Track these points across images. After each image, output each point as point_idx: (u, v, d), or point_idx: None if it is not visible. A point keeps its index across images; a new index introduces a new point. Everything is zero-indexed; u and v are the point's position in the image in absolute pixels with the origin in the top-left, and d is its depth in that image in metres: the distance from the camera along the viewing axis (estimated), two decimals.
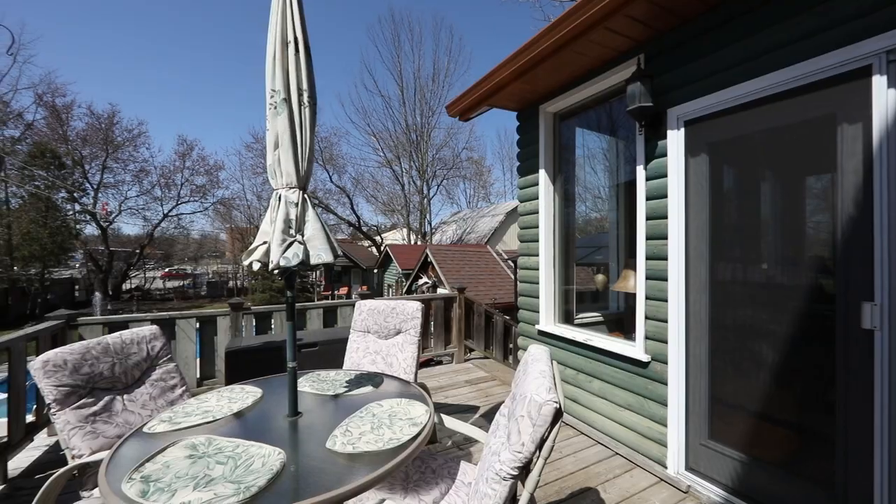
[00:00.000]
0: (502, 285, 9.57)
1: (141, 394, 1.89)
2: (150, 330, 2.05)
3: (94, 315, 15.15)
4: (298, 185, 1.60)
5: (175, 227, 25.52)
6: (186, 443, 1.31)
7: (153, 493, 1.05)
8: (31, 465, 2.49)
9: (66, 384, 1.63)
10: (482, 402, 3.43)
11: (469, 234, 23.07)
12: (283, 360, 3.10)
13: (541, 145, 3.27)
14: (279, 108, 1.57)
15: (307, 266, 1.54)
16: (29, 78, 28.26)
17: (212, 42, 67.66)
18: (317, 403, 1.72)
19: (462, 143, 25.46)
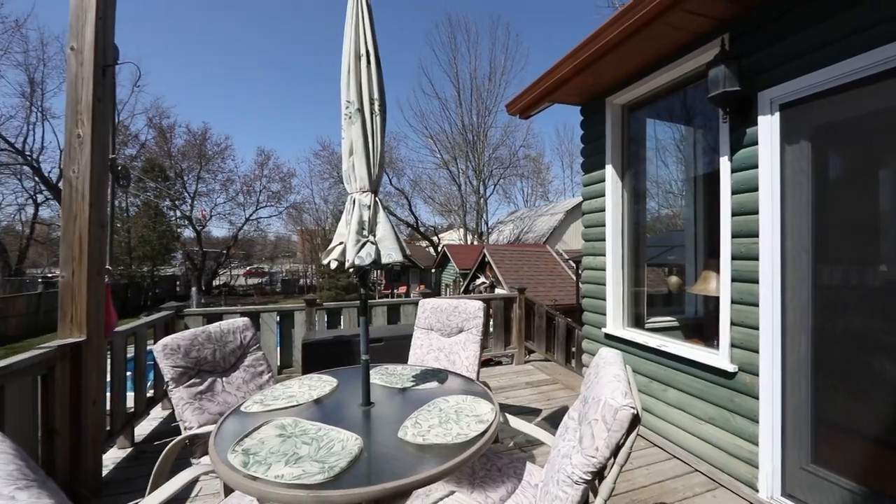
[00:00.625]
0: (563, 286, 9.23)
1: (236, 377, 2.14)
2: (243, 321, 2.31)
3: (191, 307, 17.30)
4: (370, 189, 1.69)
5: (255, 230, 28.32)
6: (277, 423, 1.45)
7: (252, 464, 1.19)
8: (150, 433, 2.93)
9: (179, 365, 1.90)
10: (544, 405, 3.35)
11: (526, 233, 22.59)
12: (350, 353, 3.31)
13: (607, 139, 3.12)
14: (353, 118, 1.68)
15: (379, 265, 1.63)
16: (142, 104, 33.10)
17: (285, 57, 73.85)
18: (386, 395, 1.81)
19: (519, 140, 25.00)
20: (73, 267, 2.13)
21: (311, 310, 3.69)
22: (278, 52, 73.29)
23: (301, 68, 76.02)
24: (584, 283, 3.42)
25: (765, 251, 2.06)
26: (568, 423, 1.43)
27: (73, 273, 2.13)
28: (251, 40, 70.48)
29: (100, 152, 2.22)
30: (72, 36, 2.16)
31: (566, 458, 1.17)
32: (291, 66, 74.71)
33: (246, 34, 69.73)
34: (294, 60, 74.65)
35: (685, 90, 2.83)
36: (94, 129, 2.17)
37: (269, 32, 70.47)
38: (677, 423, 2.58)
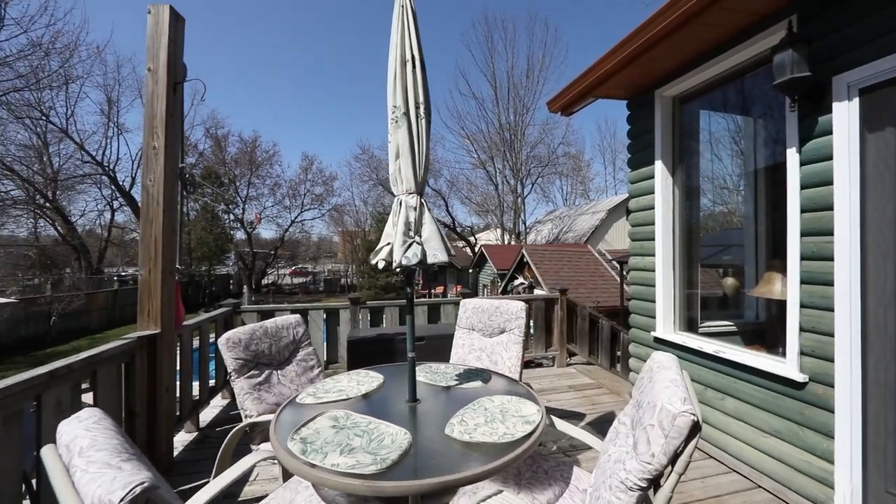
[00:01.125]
0: (605, 287, 8.89)
1: (289, 371, 2.27)
2: (295, 318, 2.44)
3: (243, 304, 18.51)
4: (416, 191, 1.74)
5: (299, 232, 29.74)
6: (330, 415, 1.53)
7: (310, 452, 1.26)
8: (212, 420, 3.17)
9: (240, 358, 2.04)
10: (588, 409, 3.26)
11: (566, 233, 21.99)
12: (392, 351, 3.40)
13: (657, 133, 2.97)
14: (399, 122, 1.74)
15: (425, 265, 1.66)
16: (200, 116, 35.86)
17: (325, 65, 76.95)
18: (431, 392, 1.85)
19: (558, 138, 24.38)
20: (150, 266, 2.35)
21: (356, 308, 3.83)
22: (322, 57, 76.45)
23: (342, 72, 78.83)
24: (632, 284, 3.28)
25: (841, 251, 1.88)
26: (619, 428, 1.39)
27: (150, 272, 2.35)
28: (295, 45, 74.00)
29: (171, 162, 2.44)
30: (149, 58, 2.39)
31: (619, 463, 1.14)
32: (334, 70, 77.68)
33: (290, 38, 73.36)
34: (336, 65, 77.57)
35: (744, 78, 2.64)
36: (167, 141, 2.39)
37: (311, 37, 73.68)
38: (736, 435, 2.41)
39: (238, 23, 66.22)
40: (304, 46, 74.87)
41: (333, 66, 77.31)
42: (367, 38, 73.35)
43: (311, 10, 69.78)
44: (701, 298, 3.07)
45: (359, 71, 77.38)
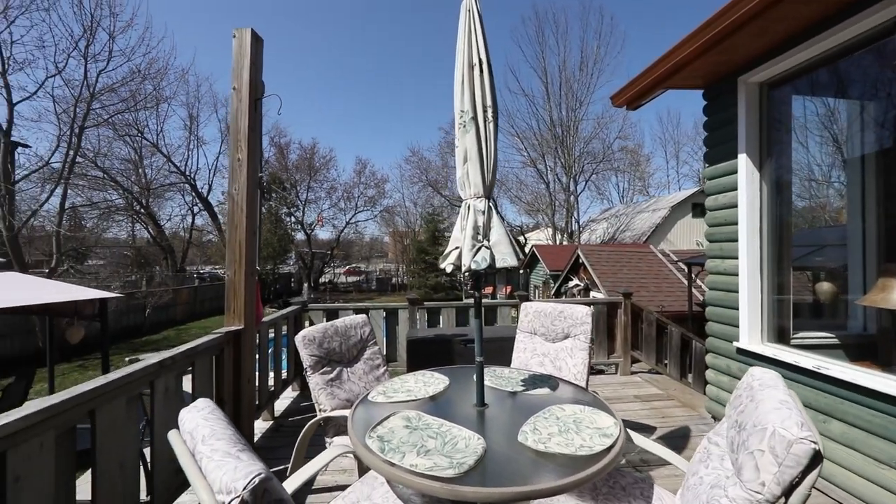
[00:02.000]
0: (670, 291, 8.26)
1: (357, 368, 2.37)
2: (361, 318, 2.55)
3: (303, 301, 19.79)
4: (484, 194, 1.73)
5: (353, 233, 31.10)
6: (402, 415, 1.57)
7: (388, 451, 1.30)
8: (284, 410, 3.40)
9: (315, 354, 2.17)
10: (658, 422, 3.05)
11: (623, 232, 20.83)
12: (450, 351, 3.43)
13: (741, 124, 2.71)
14: (467, 126, 1.74)
15: (494, 269, 1.65)
16: (264, 126, 38.94)
17: (383, 67, 79.64)
18: (497, 397, 1.83)
19: (614, 132, 23.16)
20: (235, 268, 2.58)
21: (414, 308, 3.92)
22: (378, 62, 79.27)
23: (394, 77, 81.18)
24: (711, 289, 3.01)
25: None
26: (711, 449, 1.28)
27: (235, 273, 2.58)
28: (351, 49, 77.35)
29: (252, 172, 2.65)
30: (234, 78, 2.62)
31: (717, 488, 1.05)
32: (385, 75, 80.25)
33: (345, 43, 76.84)
34: (388, 69, 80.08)
35: (849, 58, 2.32)
36: (249, 153, 2.60)
37: (365, 42, 76.61)
38: (844, 464, 2.12)
39: (298, 34, 70.69)
40: (359, 52, 78.04)
41: (386, 70, 79.79)
42: (417, 42, 74.79)
43: (369, 18, 72.54)
44: (793, 305, 2.75)
45: (411, 74, 79.15)
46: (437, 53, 72.03)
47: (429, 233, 25.13)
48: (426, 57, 73.98)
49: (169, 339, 12.73)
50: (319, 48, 74.55)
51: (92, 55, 10.75)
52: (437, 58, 72.98)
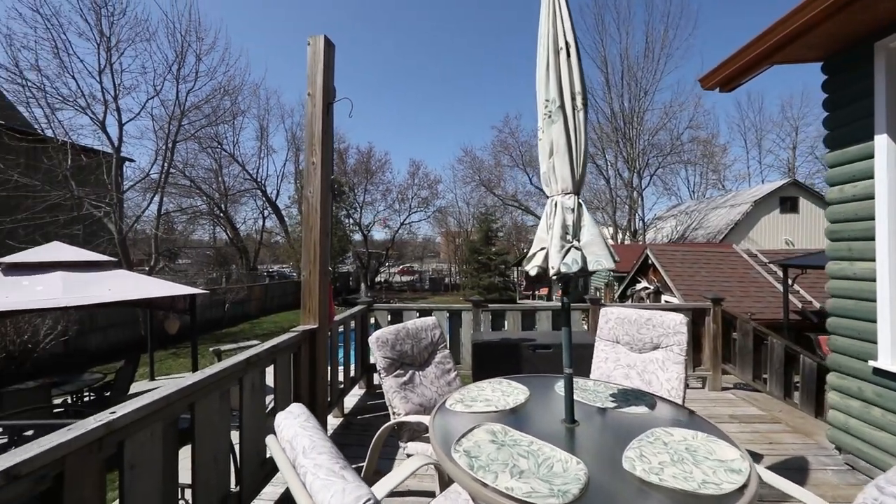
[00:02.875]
0: (760, 296, 7.29)
1: (429, 372, 2.31)
2: (432, 321, 2.49)
3: (360, 299, 20.64)
4: (573, 190, 1.58)
5: (407, 233, 31.84)
6: (487, 428, 1.47)
7: (478, 468, 1.20)
8: (353, 407, 3.48)
9: (388, 357, 2.14)
10: (765, 450, 2.65)
11: (695, 230, 19.06)
12: (517, 356, 3.27)
13: (879, 99, 2.25)
14: (554, 117, 1.60)
15: (586, 272, 1.49)
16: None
17: (437, 69, 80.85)
18: (586, 413, 1.66)
19: (684, 121, 21.26)
20: (310, 268, 2.65)
21: (478, 311, 3.82)
22: (429, 64, 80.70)
23: (447, 78, 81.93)
24: (835, 296, 2.55)
25: None
26: (885, 501, 1.02)
27: (310, 273, 2.65)
28: (404, 50, 79.38)
29: (326, 175, 2.71)
30: (308, 84, 2.70)
31: None
32: (439, 77, 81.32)
33: (401, 46, 79.02)
34: (442, 72, 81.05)
35: None
36: (323, 156, 2.66)
37: (418, 45, 78.20)
38: None
39: (355, 39, 73.93)
40: (411, 53, 79.90)
41: (439, 71, 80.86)
42: (462, 39, 74.82)
43: (424, 20, 74.05)
44: None
45: (463, 74, 79.40)
46: (493, 51, 71.41)
47: (482, 233, 24.91)
48: (479, 55, 73.68)
49: (244, 331, 13.87)
50: (373, 51, 77.44)
51: (182, 77, 12.06)
52: (492, 55, 72.40)
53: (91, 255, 6.24)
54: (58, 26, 10.07)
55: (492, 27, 67.80)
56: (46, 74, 10.07)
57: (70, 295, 5.26)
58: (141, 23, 11.50)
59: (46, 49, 10.02)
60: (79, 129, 12.46)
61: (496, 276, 23.88)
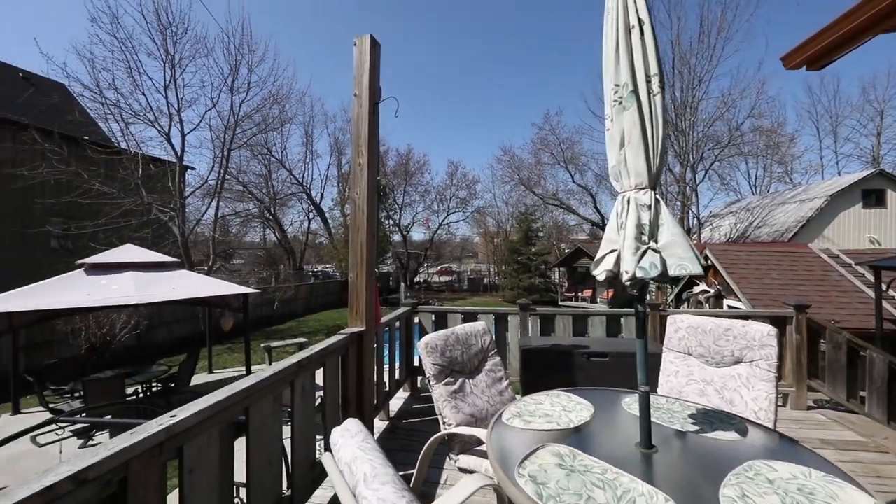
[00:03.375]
0: (843, 302, 6.42)
1: (480, 381, 2.20)
2: (482, 326, 2.38)
3: (400, 299, 21.00)
4: (649, 185, 1.40)
5: (446, 234, 31.89)
6: (552, 450, 1.33)
7: (547, 499, 1.07)
8: (398, 411, 3.44)
9: (438, 363, 2.05)
10: (873, 485, 2.27)
11: (758, 227, 17.44)
12: (569, 364, 3.07)
13: None
14: (626, 103, 1.43)
15: (666, 277, 1.31)
16: None
17: (471, 71, 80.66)
18: (663, 437, 1.47)
19: (745, 110, 19.49)
20: (357, 270, 2.63)
21: (525, 314, 3.64)
22: (465, 65, 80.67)
23: (484, 79, 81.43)
24: None
25: None
26: None
27: (357, 275, 2.63)
28: (437, 49, 79.79)
29: (372, 176, 2.68)
30: (355, 85, 2.68)
31: None
32: (475, 79, 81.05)
33: (437, 48, 79.60)
34: (478, 73, 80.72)
35: None
36: (369, 158, 2.63)
37: (454, 46, 78.37)
38: None
39: (393, 41, 75.34)
40: (450, 55, 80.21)
41: (476, 71, 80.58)
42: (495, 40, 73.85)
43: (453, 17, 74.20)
44: None
45: (502, 74, 78.60)
46: (531, 48, 70.08)
47: (521, 233, 24.38)
48: (521, 55, 72.51)
49: (292, 329, 14.50)
50: (411, 52, 78.56)
51: (236, 88, 12.80)
52: (531, 54, 71.04)
53: (158, 256, 6.74)
54: (131, 48, 11.04)
55: (529, 25, 66.42)
56: (122, 92, 11.07)
57: (140, 293, 5.70)
58: (200, 40, 12.36)
59: (122, 69, 11.01)
60: (148, 140, 13.61)
61: (536, 277, 23.29)
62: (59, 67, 11.45)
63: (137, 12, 11.65)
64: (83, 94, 10.99)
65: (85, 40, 15.26)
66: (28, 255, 12.05)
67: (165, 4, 11.32)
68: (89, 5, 10.66)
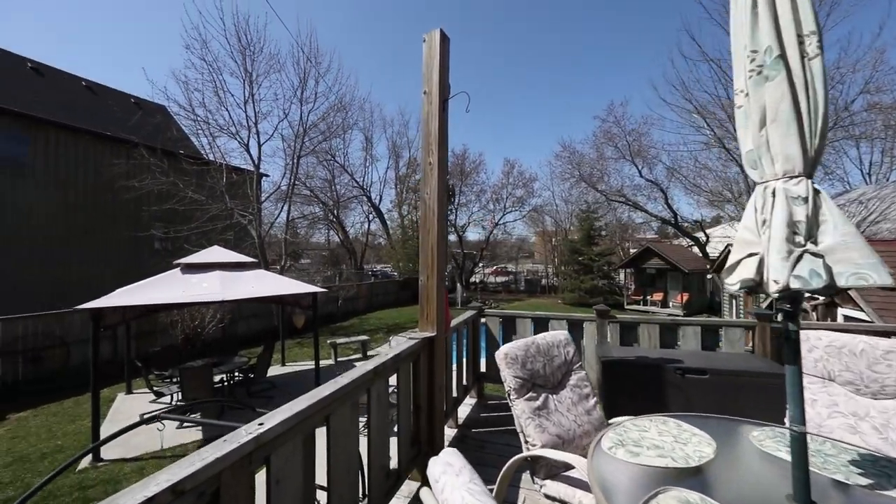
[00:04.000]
0: None
1: (565, 397, 1.99)
2: (564, 336, 2.17)
3: (457, 300, 21.01)
4: (804, 173, 1.11)
5: (502, 233, 31.39)
6: (677, 496, 1.10)
7: None
8: (466, 418, 3.32)
9: (519, 376, 1.89)
10: None
11: (877, 222, 14.77)
12: (658, 381, 2.72)
13: None
14: (768, 71, 1.15)
15: (832, 289, 1.03)
16: (421, 139, 43.46)
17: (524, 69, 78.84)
18: (819, 489, 1.16)
19: (857, 85, 16.67)
20: (428, 273, 2.54)
21: (603, 322, 3.33)
22: (526, 61, 79.05)
23: (539, 76, 79.17)
24: None
25: None
26: None
27: (428, 278, 2.54)
28: (493, 49, 78.86)
29: (442, 175, 2.58)
30: (424, 82, 2.60)
31: None
32: (531, 76, 79.07)
33: (493, 46, 78.82)
34: (534, 71, 78.66)
35: None
36: (440, 156, 2.54)
37: (512, 46, 77.06)
38: None
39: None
40: (500, 52, 79.07)
41: (533, 66, 78.57)
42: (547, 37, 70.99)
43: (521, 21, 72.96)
44: None
45: (560, 68, 75.84)
46: (589, 46, 66.74)
47: (583, 231, 23.18)
48: (575, 50, 69.43)
49: (354, 326, 15.13)
50: (467, 52, 78.63)
51: (304, 98, 13.65)
52: (589, 49, 67.66)
53: (239, 257, 7.35)
54: (217, 69, 12.25)
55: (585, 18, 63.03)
56: (209, 109, 12.34)
57: (225, 291, 6.24)
58: (273, 57, 13.36)
59: (209, 89, 12.27)
60: (230, 152, 15.01)
61: (599, 279, 22.00)
62: (160, 91, 13.09)
63: (222, 37, 12.92)
64: (179, 112, 12.41)
65: (180, 65, 17.30)
66: (138, 255, 13.92)
67: (245, 27, 12.40)
68: (185, 34, 11.99)
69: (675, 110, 23.07)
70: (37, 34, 40.75)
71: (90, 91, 16.14)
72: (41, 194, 12.10)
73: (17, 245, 11.60)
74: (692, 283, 18.78)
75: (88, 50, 49.81)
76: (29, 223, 11.84)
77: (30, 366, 7.98)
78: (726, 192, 19.30)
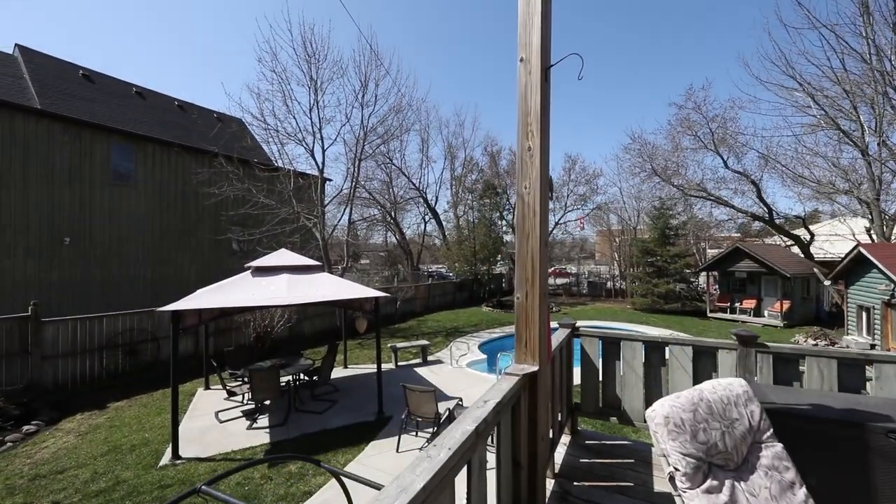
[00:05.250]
0: None
1: (757, 485, 1.33)
2: (741, 386, 1.50)
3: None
4: None
5: (562, 233, 29.76)
6: None
7: None
8: (562, 466, 2.70)
9: (690, 454, 1.27)
10: None
11: None
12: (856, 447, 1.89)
13: None
14: None
15: None
16: (477, 137, 43.08)
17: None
18: None
19: None
20: (527, 288, 1.99)
21: (748, 351, 2.52)
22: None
23: (608, 70, 74.69)
24: None
25: None
26: None
27: (527, 295, 1.99)
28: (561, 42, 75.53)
29: (544, 164, 2.02)
30: (520, 47, 2.05)
31: None
32: (598, 72, 74.68)
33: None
34: (599, 67, 74.24)
35: None
36: (541, 140, 1.97)
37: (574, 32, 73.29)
38: None
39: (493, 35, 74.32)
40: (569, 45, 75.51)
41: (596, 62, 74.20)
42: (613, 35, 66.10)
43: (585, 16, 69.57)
44: None
45: (618, 61, 70.98)
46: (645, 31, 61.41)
47: (656, 230, 21.04)
48: (630, 39, 64.25)
49: (412, 328, 14.98)
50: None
51: (365, 102, 13.77)
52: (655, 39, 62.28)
53: (305, 260, 7.35)
54: (285, 79, 12.75)
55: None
56: (279, 118, 12.89)
57: (291, 294, 6.21)
58: (336, 63, 13.65)
59: (279, 99, 12.81)
60: (297, 157, 15.67)
61: (676, 283, 19.82)
62: (236, 103, 13.96)
63: (290, 47, 13.40)
64: (252, 123, 13.10)
65: (253, 78, 18.51)
66: (218, 256, 15.02)
67: (310, 36, 12.76)
68: (257, 48, 12.63)
69: (771, 89, 20.10)
70: (136, 58, 47.01)
71: (181, 109, 17.82)
72: (141, 202, 13.48)
73: (128, 246, 13.09)
74: (794, 290, 16.08)
75: (181, 72, 56.52)
76: (137, 227, 13.31)
77: (128, 358, 8.74)
78: (839, 181, 16.24)
